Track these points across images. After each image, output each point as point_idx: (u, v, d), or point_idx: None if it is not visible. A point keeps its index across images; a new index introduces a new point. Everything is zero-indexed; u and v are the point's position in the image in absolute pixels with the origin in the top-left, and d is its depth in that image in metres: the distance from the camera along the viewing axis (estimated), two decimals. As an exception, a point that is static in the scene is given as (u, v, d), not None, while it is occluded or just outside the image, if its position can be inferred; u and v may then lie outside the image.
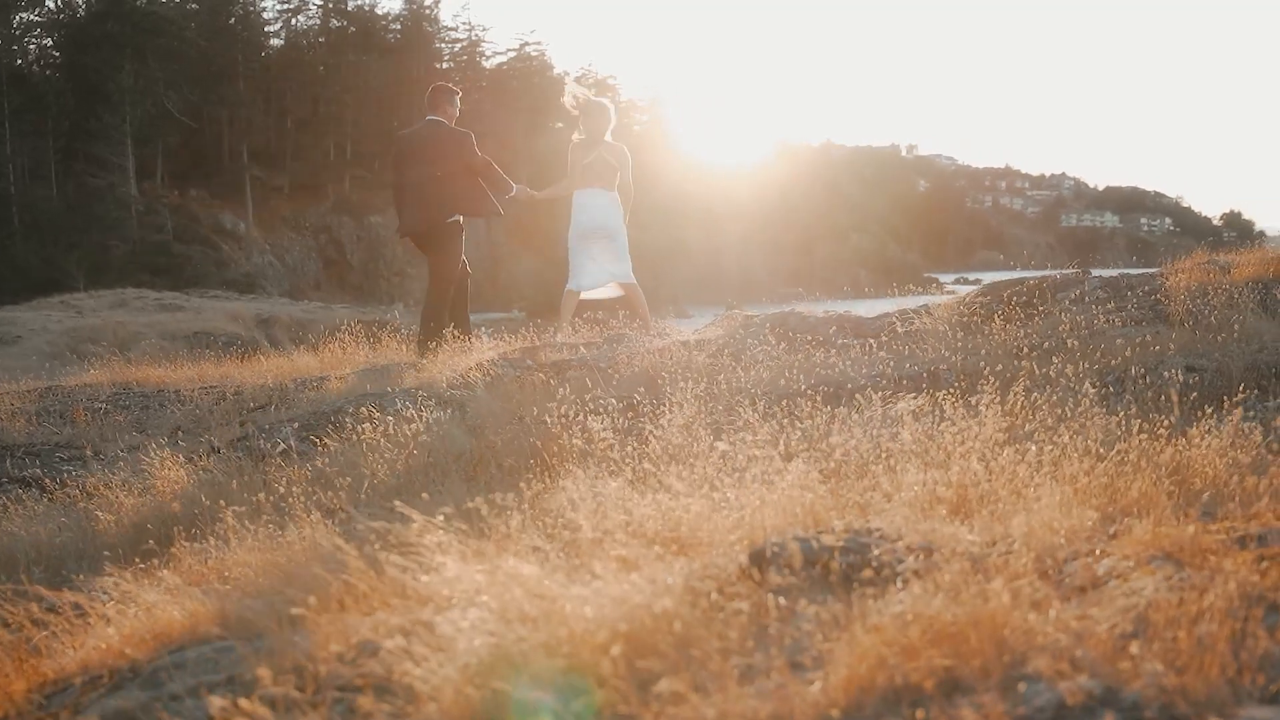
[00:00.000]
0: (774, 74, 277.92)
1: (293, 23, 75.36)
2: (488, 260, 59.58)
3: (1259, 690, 1.67)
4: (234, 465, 5.01)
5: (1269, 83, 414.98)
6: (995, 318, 5.60)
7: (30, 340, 23.97)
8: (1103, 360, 4.39)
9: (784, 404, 4.37)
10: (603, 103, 8.76)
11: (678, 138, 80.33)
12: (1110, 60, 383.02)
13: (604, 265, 8.42)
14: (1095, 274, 6.22)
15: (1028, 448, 2.95)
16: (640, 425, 4.33)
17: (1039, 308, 5.75)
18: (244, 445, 5.54)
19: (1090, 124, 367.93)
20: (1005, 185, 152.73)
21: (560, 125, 75.83)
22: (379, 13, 78.29)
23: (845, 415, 3.71)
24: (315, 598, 2.83)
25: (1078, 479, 2.74)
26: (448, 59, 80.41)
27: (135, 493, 4.72)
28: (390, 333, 9.51)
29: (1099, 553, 2.27)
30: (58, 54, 63.62)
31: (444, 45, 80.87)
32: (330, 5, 74.96)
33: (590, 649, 2.12)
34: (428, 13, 79.04)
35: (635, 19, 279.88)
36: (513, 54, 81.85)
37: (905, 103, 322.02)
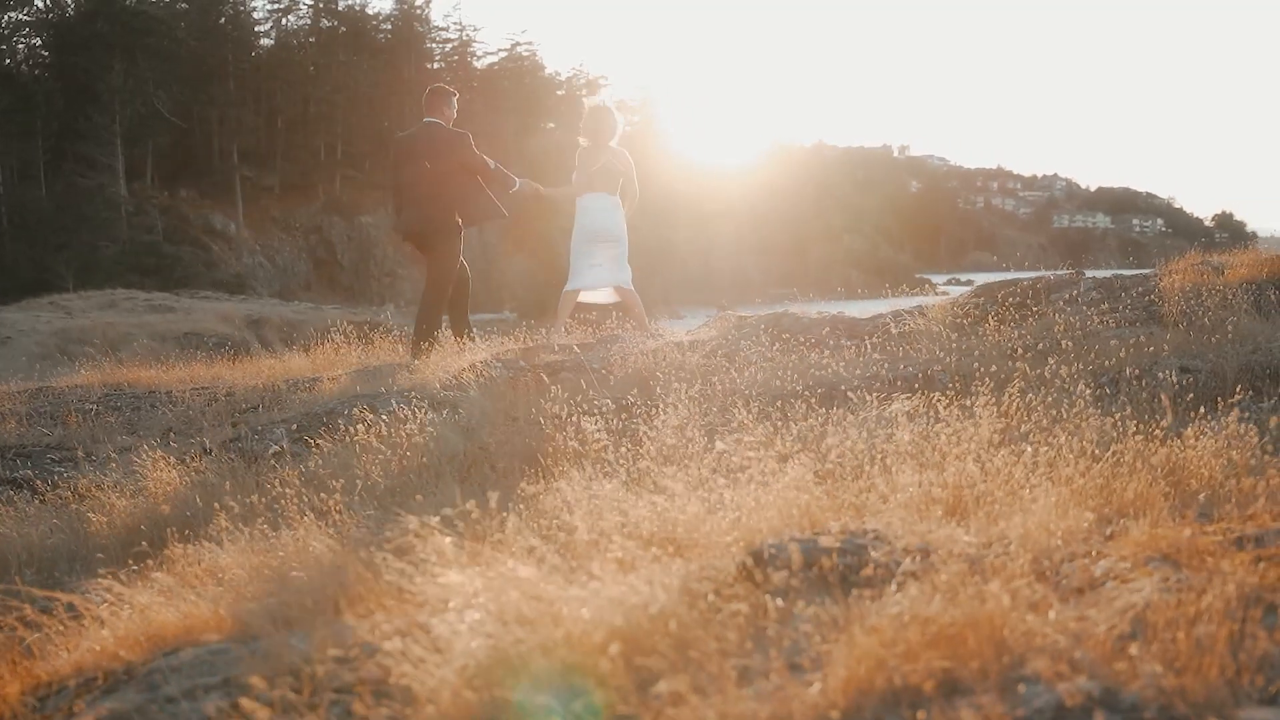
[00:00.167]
0: (766, 74, 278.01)
1: (283, 22, 75.30)
2: (479, 261, 59.47)
3: (1258, 691, 1.67)
4: (227, 467, 4.99)
5: (1261, 84, 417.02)
6: (989, 319, 5.61)
7: (19, 341, 23.89)
8: (1097, 361, 4.40)
9: (778, 405, 4.38)
10: (609, 109, 8.83)
11: (669, 138, 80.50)
12: (1102, 61, 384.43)
13: (605, 269, 8.48)
14: (1089, 275, 6.24)
15: (1023, 449, 2.95)
16: (634, 427, 4.32)
17: (1033, 309, 5.76)
18: (236, 447, 5.53)
19: (1082, 125, 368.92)
20: (997, 186, 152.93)
21: (552, 126, 75.90)
22: (369, 13, 78.35)
23: (840, 416, 3.71)
24: (311, 600, 2.83)
25: (1073, 480, 2.75)
26: (438, 59, 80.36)
27: (127, 494, 4.70)
28: (382, 334, 9.49)
29: (1096, 554, 2.28)
30: (47, 54, 63.44)
31: (435, 45, 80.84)
32: (321, 5, 74.83)
33: (588, 650, 2.12)
34: (418, 13, 79.00)
35: (627, 19, 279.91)
36: (504, 54, 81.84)
37: (897, 103, 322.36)
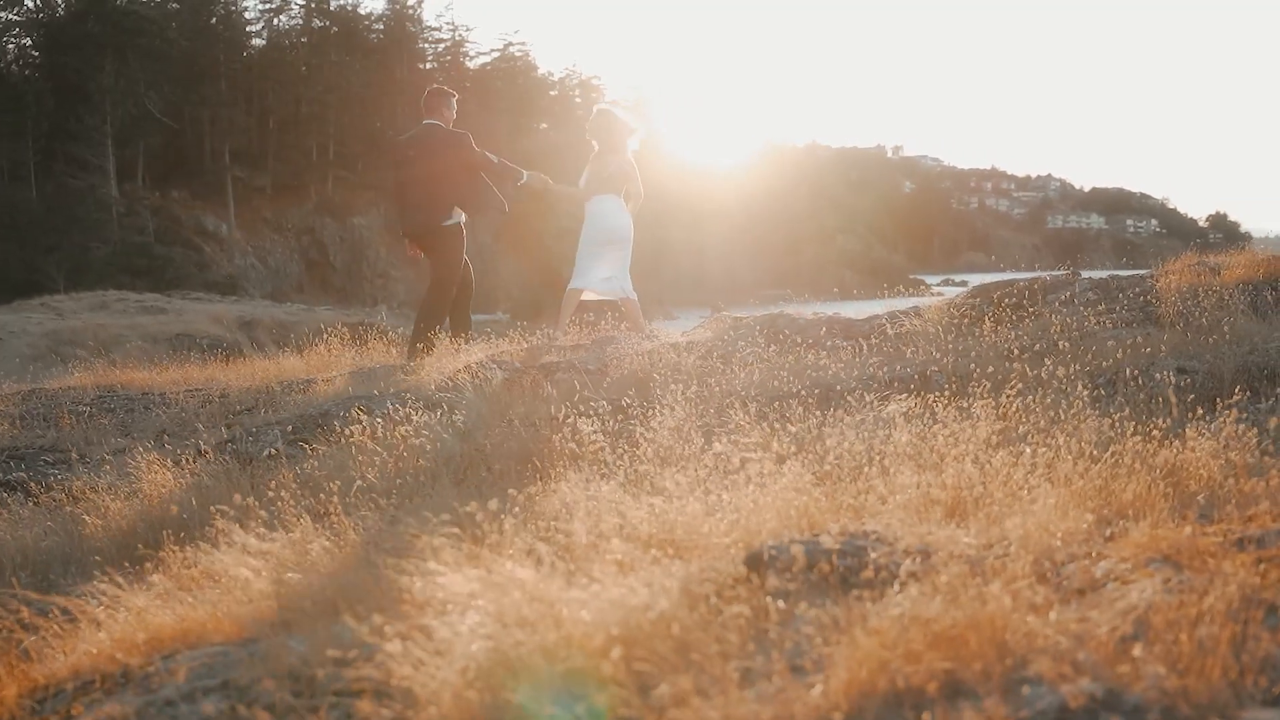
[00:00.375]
0: (759, 74, 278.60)
1: (275, 22, 75.12)
2: (474, 261, 59.39)
3: (1261, 693, 1.67)
4: (222, 469, 4.98)
5: (1255, 85, 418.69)
6: (985, 320, 5.61)
7: (10, 343, 23.81)
8: (1094, 362, 4.41)
9: (775, 406, 4.38)
10: (617, 111, 8.87)
11: (662, 138, 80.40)
12: (1096, 61, 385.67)
13: (609, 274, 8.50)
14: (1085, 275, 6.25)
15: (1022, 450, 2.95)
16: (631, 428, 4.32)
17: (1029, 309, 5.77)
18: (231, 448, 5.51)
19: (1076, 125, 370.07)
20: (991, 186, 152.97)
21: (544, 126, 75.87)
22: (361, 13, 78.20)
23: (837, 417, 3.72)
24: (309, 602, 2.82)
25: (1072, 481, 2.75)
26: (431, 59, 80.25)
27: (122, 497, 4.68)
28: (376, 335, 9.48)
29: (1096, 555, 2.28)
30: (37, 54, 63.20)
31: (427, 45, 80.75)
32: (313, 5, 74.68)
33: (589, 652, 2.12)
34: (411, 13, 78.89)
35: (620, 19, 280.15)
36: (496, 54, 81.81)
37: (891, 103, 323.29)
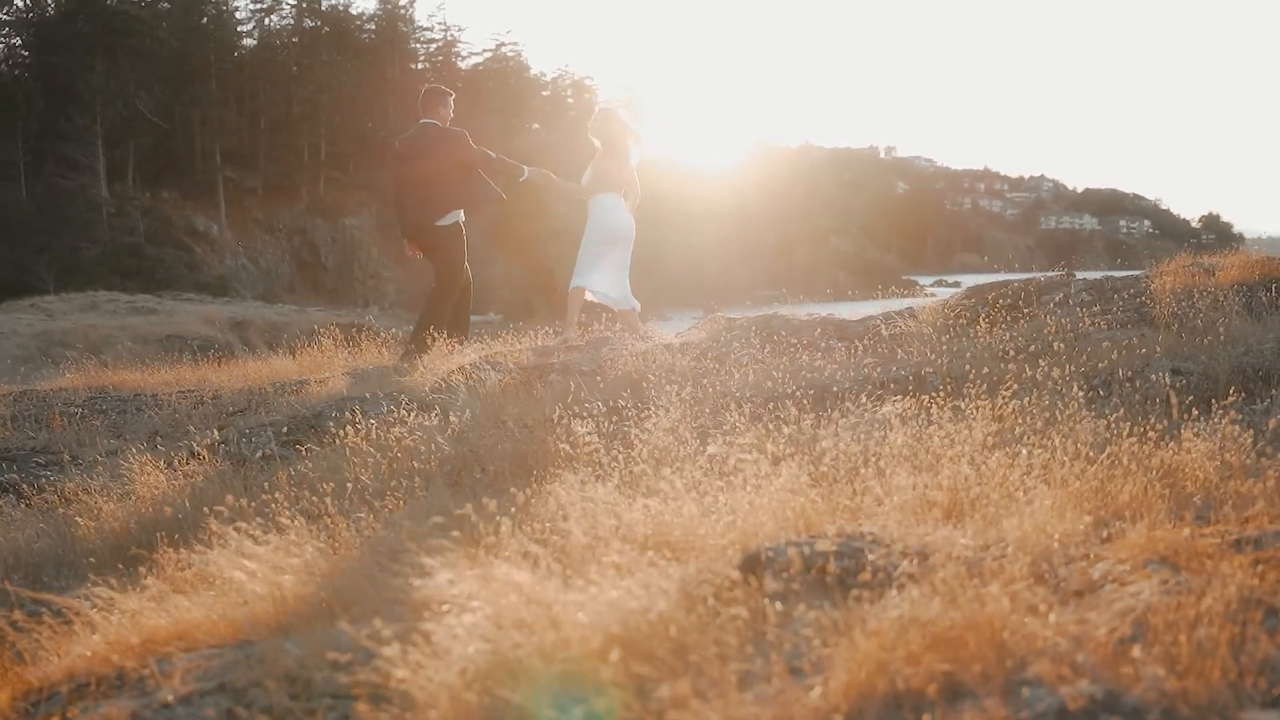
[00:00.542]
0: (752, 75, 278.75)
1: (266, 22, 74.90)
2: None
3: (1260, 694, 1.68)
4: (215, 470, 4.96)
5: (1248, 85, 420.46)
6: (980, 320, 5.62)
7: (0, 344, 23.71)
8: (1089, 363, 4.42)
9: (770, 407, 4.38)
10: (618, 111, 8.87)
11: (656, 139, 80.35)
12: (1089, 62, 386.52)
13: (612, 276, 8.47)
14: (1080, 276, 6.26)
15: (1018, 451, 2.96)
16: (625, 429, 4.32)
17: (1024, 310, 5.78)
18: (224, 450, 5.49)
19: (1069, 126, 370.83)
20: (984, 187, 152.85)
21: (536, 127, 75.79)
22: (353, 12, 78.01)
23: (832, 419, 3.72)
24: (305, 604, 2.81)
25: (1069, 482, 2.76)
26: (423, 59, 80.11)
27: (115, 498, 4.67)
28: (369, 336, 9.45)
29: (1093, 557, 2.29)
30: (27, 53, 62.93)
31: (419, 45, 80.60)
32: (304, 5, 74.48)
33: (587, 655, 2.11)
34: (402, 13, 78.73)
35: (612, 19, 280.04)
36: (488, 54, 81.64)
37: (884, 104, 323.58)
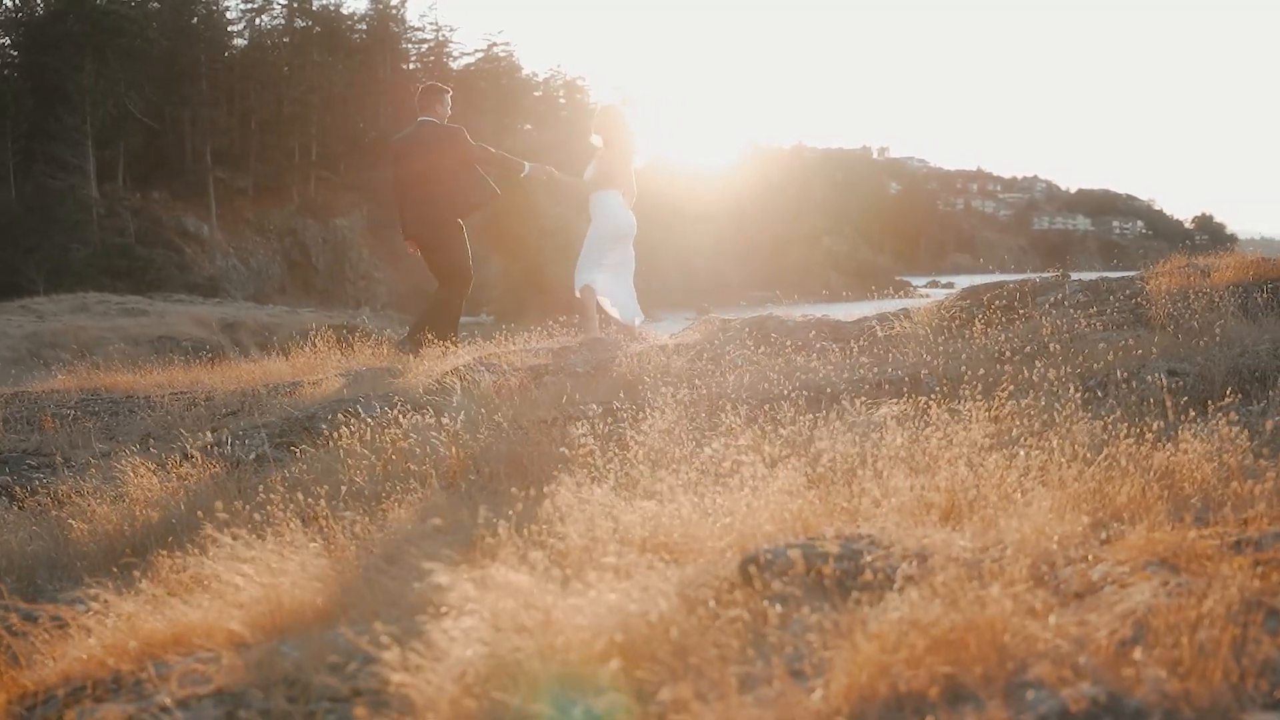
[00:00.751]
0: (745, 75, 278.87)
1: (257, 22, 74.74)
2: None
3: (1262, 696, 1.68)
4: (208, 472, 4.94)
5: (1241, 86, 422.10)
6: (975, 322, 5.62)
7: (-10, 345, 23.59)
8: (1085, 364, 4.42)
9: (765, 409, 4.38)
10: (620, 109, 8.86)
11: (648, 139, 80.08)
12: (1082, 62, 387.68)
13: (617, 282, 8.43)
14: (1074, 277, 6.28)
15: (1015, 453, 2.96)
16: (621, 431, 4.32)
17: (1019, 311, 5.79)
18: (218, 452, 5.47)
19: (1062, 126, 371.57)
20: (977, 188, 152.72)
21: (529, 127, 75.71)
22: (344, 12, 77.89)
23: (828, 420, 3.72)
24: (302, 607, 2.80)
25: (1066, 484, 2.76)
26: (414, 60, 80.00)
27: (108, 501, 4.64)
28: (361, 337, 9.42)
29: (1092, 558, 2.29)
30: (16, 53, 62.73)
31: (410, 46, 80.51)
32: (295, 5, 74.34)
33: (587, 658, 2.11)
34: (394, 13, 78.63)
35: (604, 19, 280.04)
36: (480, 55, 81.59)
37: (876, 104, 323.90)
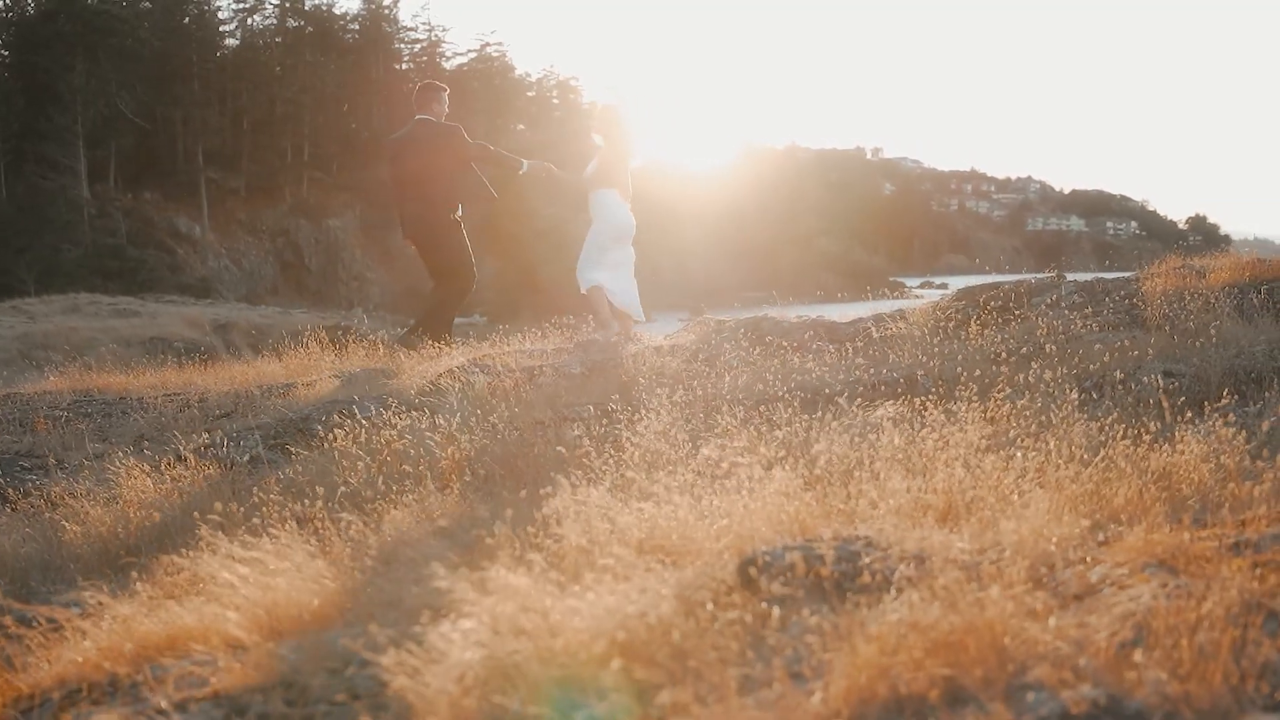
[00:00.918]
0: (738, 75, 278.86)
1: (249, 22, 74.60)
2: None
3: (1263, 698, 1.68)
4: (202, 474, 4.93)
5: (1234, 87, 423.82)
6: (971, 323, 5.63)
7: (-19, 346, 23.49)
8: (1081, 365, 4.43)
9: (761, 410, 4.38)
10: (620, 108, 8.86)
11: (641, 139, 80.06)
12: (1076, 63, 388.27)
13: (620, 279, 8.41)
14: (1070, 278, 6.29)
15: (1012, 454, 2.96)
16: (616, 432, 4.31)
17: (1015, 312, 5.80)
18: (212, 454, 5.45)
19: (1056, 127, 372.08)
20: (971, 188, 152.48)
21: (521, 128, 75.66)
22: (337, 12, 77.75)
23: (824, 421, 3.72)
24: (298, 609, 2.79)
25: (1064, 485, 2.76)
26: (407, 60, 79.90)
27: (101, 503, 4.63)
28: (356, 338, 9.40)
29: (1091, 560, 2.29)
30: (7, 53, 62.55)
31: (403, 46, 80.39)
32: (287, 5, 74.19)
33: (587, 660, 2.11)
34: (386, 13, 78.52)
35: (597, 19, 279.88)
36: (473, 55, 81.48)
37: (870, 105, 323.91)
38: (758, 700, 1.97)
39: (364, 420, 5.09)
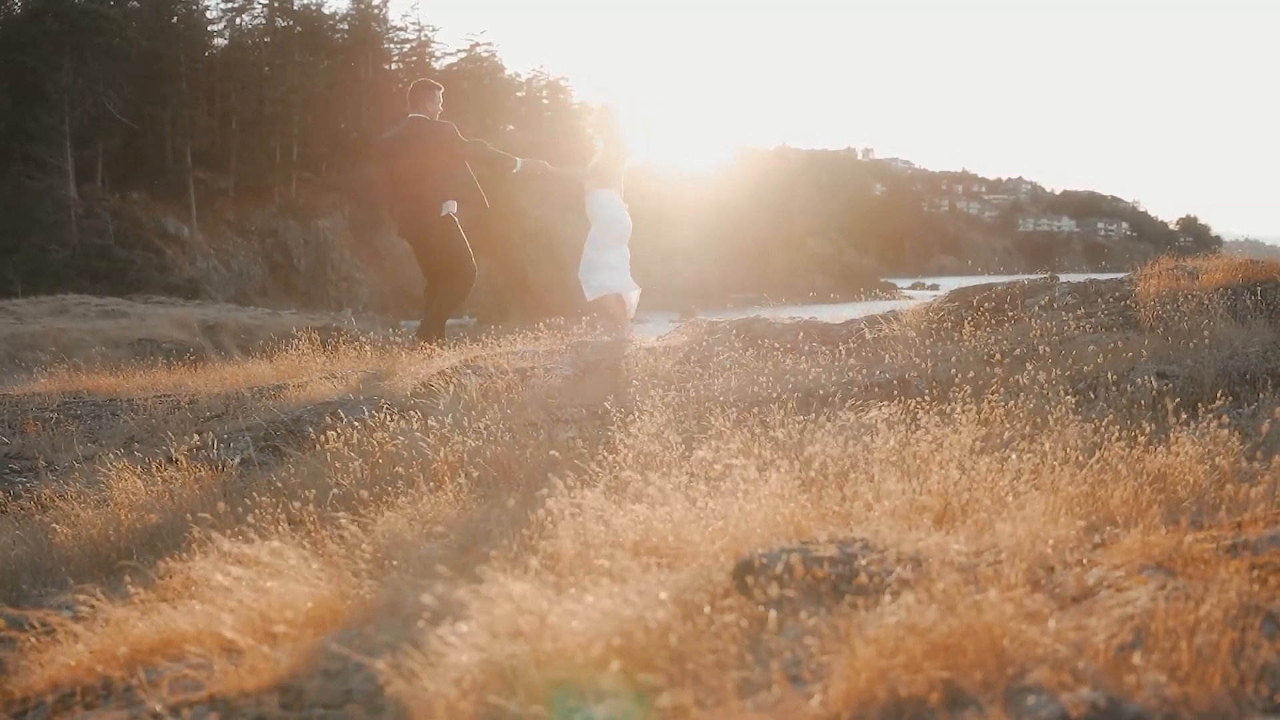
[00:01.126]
0: (728, 76, 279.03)
1: (237, 22, 74.33)
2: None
3: (1262, 701, 1.69)
4: (194, 476, 4.91)
5: (1224, 89, 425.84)
6: (964, 324, 5.64)
7: (-32, 347, 23.36)
8: (1075, 367, 4.44)
9: (754, 411, 4.38)
10: (619, 109, 8.88)
11: (632, 141, 79.88)
12: (1067, 64, 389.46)
13: (619, 276, 8.43)
14: (1063, 279, 6.30)
15: (1007, 456, 2.97)
16: (609, 434, 4.31)
17: (1008, 314, 5.81)
18: (203, 455, 5.43)
19: (1047, 127, 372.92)
20: (962, 189, 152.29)
21: (511, 128, 75.61)
22: (326, 12, 77.47)
23: (818, 423, 3.72)
24: (292, 612, 2.78)
25: (1059, 487, 2.77)
26: (396, 60, 79.75)
27: (92, 505, 4.60)
28: (347, 339, 9.38)
29: (1088, 562, 2.29)
30: (-7, 53, 62.17)
31: (392, 45, 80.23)
32: (275, 4, 73.96)
33: (584, 663, 2.10)
34: (376, 12, 78.34)
35: (587, 19, 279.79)
36: (463, 55, 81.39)
37: (861, 105, 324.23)
38: (757, 703, 1.97)
39: (356, 422, 5.07)
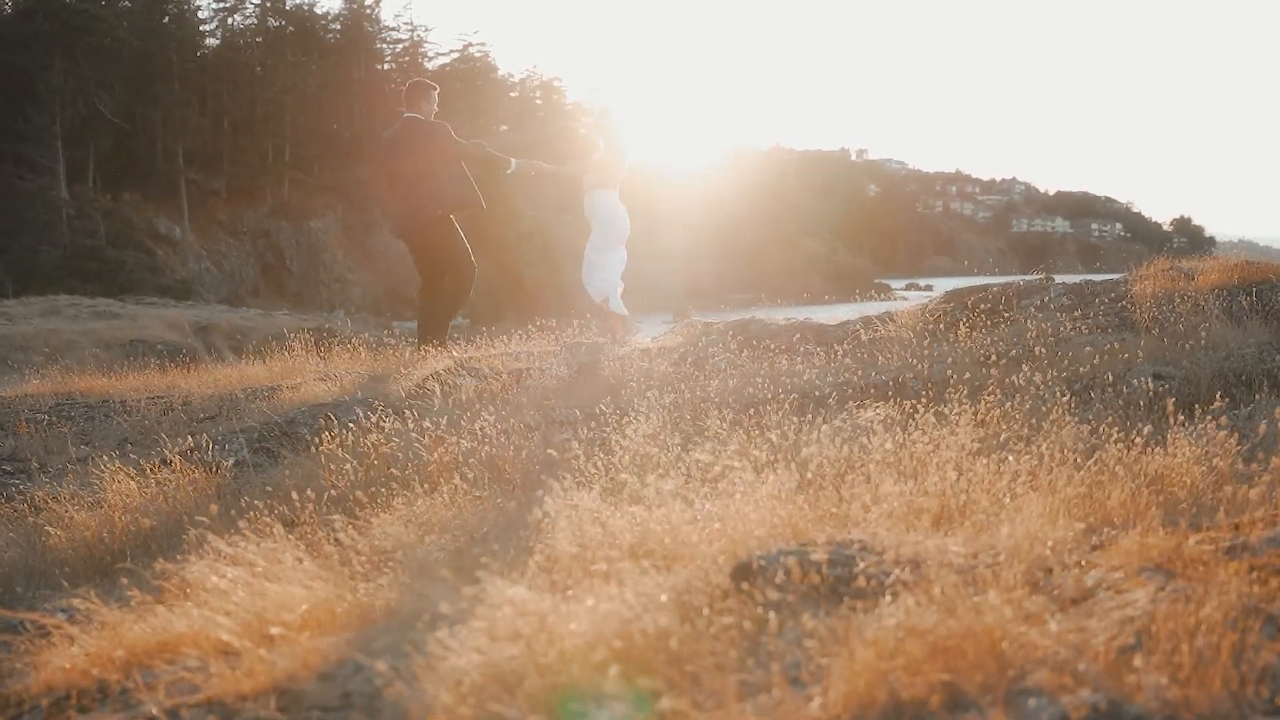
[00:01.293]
0: (722, 76, 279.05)
1: (229, 22, 74.20)
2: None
3: (1263, 703, 1.69)
4: (188, 478, 4.89)
5: (1218, 90, 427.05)
6: (960, 325, 5.64)
7: (-41, 348, 23.25)
8: (1071, 368, 4.44)
9: (751, 413, 4.37)
10: (618, 111, 8.90)
11: (626, 141, 79.88)
12: (1061, 64, 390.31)
13: (616, 276, 8.43)
14: (1059, 280, 6.30)
15: (1004, 457, 2.97)
16: (606, 435, 4.30)
17: (1004, 315, 5.81)
18: (196, 457, 5.41)
19: (1041, 128, 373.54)
20: (956, 190, 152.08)
21: (505, 128, 75.53)
22: (318, 12, 77.34)
23: (815, 424, 3.72)
24: (289, 614, 2.77)
25: (1057, 488, 2.77)
26: (389, 60, 79.64)
27: (86, 507, 4.59)
28: (341, 341, 9.37)
29: (1086, 564, 2.29)
30: (-16, 52, 61.94)
31: (385, 46, 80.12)
32: (268, 4, 73.82)
33: (584, 667, 2.10)
34: (368, 12, 78.23)
35: (581, 20, 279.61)
36: (456, 55, 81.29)
37: (855, 106, 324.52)
38: (757, 706, 1.96)
39: (350, 423, 5.06)
